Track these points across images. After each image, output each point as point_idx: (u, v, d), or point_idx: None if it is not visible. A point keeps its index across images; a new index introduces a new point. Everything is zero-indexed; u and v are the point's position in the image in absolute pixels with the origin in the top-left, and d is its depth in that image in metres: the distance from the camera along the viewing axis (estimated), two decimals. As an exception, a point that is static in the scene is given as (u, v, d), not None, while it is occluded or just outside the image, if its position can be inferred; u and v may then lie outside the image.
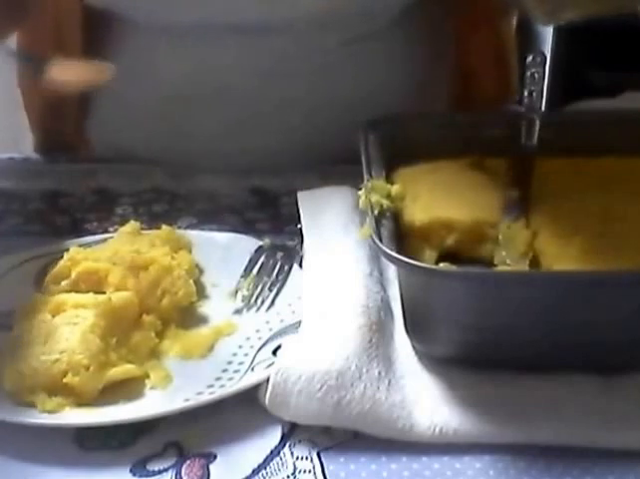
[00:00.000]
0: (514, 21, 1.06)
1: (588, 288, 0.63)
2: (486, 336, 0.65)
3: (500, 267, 0.70)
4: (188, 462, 0.62)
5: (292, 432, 0.64)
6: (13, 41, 0.96)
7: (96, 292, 0.71)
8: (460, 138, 0.80)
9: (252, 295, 0.75)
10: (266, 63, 0.91)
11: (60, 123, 1.01)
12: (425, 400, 0.64)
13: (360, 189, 0.72)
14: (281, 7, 0.88)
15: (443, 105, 1.03)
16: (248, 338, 0.71)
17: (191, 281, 0.75)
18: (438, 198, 0.75)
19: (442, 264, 0.69)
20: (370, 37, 0.93)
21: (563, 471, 0.61)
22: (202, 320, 0.74)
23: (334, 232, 0.78)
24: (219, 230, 0.84)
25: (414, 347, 0.68)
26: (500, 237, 0.72)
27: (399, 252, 0.63)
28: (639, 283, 0.63)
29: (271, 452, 0.62)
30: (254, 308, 0.75)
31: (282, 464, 0.62)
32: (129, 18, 0.91)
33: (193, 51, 0.91)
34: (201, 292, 0.76)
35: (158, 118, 0.95)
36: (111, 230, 0.84)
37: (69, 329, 0.67)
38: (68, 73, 0.79)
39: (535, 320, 0.64)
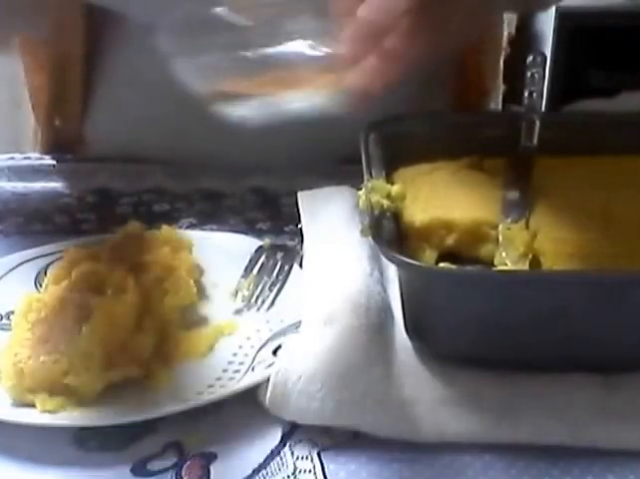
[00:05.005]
0: (504, 17, 1.07)
1: (588, 288, 0.63)
2: (486, 336, 0.65)
3: (500, 268, 0.70)
4: (188, 462, 0.62)
5: (292, 432, 0.64)
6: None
7: (96, 293, 0.71)
8: (460, 138, 0.80)
9: (252, 295, 0.75)
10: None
11: (63, 121, 1.00)
12: (425, 400, 0.64)
13: (360, 189, 0.72)
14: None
15: (443, 105, 1.03)
16: (249, 338, 0.71)
17: (192, 282, 0.75)
18: (438, 198, 0.75)
19: (442, 264, 0.69)
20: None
21: (563, 471, 0.61)
22: (203, 320, 0.74)
23: (334, 231, 0.78)
24: (219, 230, 0.84)
25: (414, 347, 0.68)
26: (500, 238, 0.72)
27: (399, 252, 0.64)
28: (639, 283, 0.64)
29: (271, 452, 0.62)
30: (254, 308, 0.75)
31: (282, 464, 0.62)
32: (129, 18, 0.91)
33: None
34: (202, 293, 0.76)
35: (158, 118, 0.95)
36: (111, 230, 0.85)
37: (69, 329, 0.67)
38: None
39: (535, 320, 0.64)
